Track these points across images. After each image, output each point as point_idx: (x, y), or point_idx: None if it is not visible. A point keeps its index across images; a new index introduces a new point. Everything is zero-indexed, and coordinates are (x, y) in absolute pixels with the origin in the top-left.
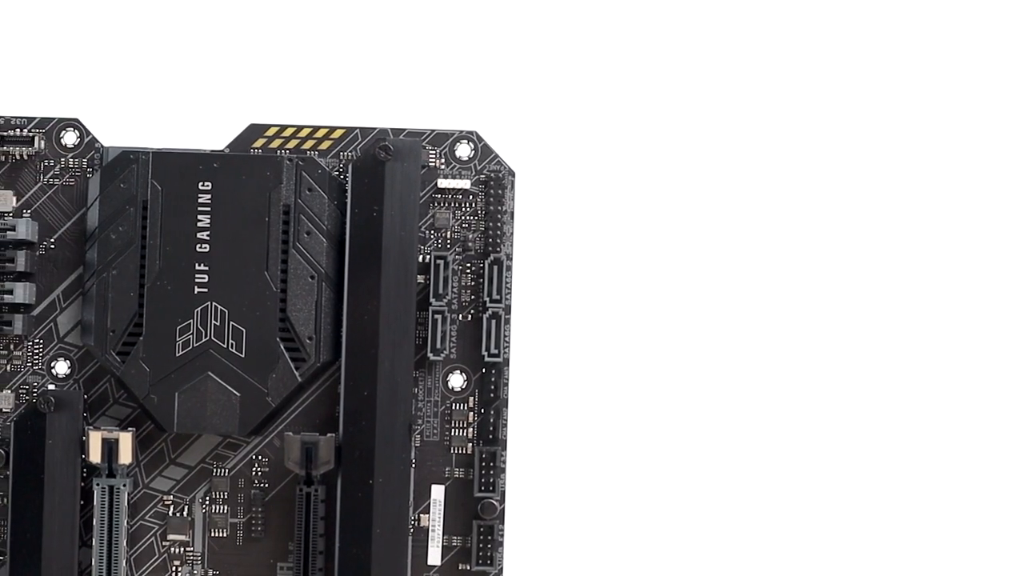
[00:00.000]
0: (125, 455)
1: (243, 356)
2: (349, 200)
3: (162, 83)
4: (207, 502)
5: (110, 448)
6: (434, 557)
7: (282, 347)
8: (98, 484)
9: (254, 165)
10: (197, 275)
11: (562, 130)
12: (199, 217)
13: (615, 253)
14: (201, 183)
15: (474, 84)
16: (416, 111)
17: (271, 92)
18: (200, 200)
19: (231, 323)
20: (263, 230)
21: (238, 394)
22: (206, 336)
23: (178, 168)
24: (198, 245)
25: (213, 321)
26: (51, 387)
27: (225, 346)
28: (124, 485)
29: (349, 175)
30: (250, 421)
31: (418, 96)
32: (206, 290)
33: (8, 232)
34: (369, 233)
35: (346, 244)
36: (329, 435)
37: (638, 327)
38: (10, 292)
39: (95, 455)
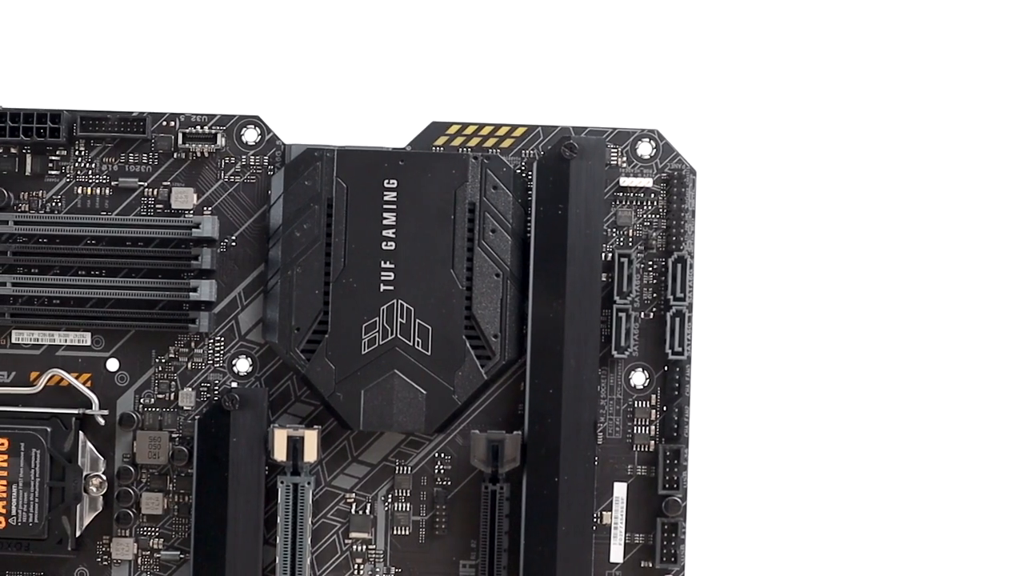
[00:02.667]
0: (310, 453)
1: (429, 354)
2: (534, 198)
3: (342, 81)
4: (389, 500)
5: (295, 446)
6: (616, 555)
7: (468, 345)
8: (282, 482)
9: (439, 163)
10: (383, 273)
11: (742, 128)
12: (384, 215)
13: (796, 251)
14: (386, 180)
15: (655, 82)
16: (597, 109)
17: (451, 90)
18: (385, 198)
19: (417, 321)
20: (448, 228)
21: (424, 392)
22: (392, 334)
23: (363, 166)
24: (383, 243)
25: (399, 319)
26: (233, 385)
27: (411, 344)
28: (308, 483)
29: (534, 173)
30: (436, 419)
31: (599, 94)
32: (392, 288)
33: (192, 230)
34: (554, 231)
35: (530, 242)
36: (515, 433)
37: (819, 325)
38: (194, 290)
39: (280, 453)
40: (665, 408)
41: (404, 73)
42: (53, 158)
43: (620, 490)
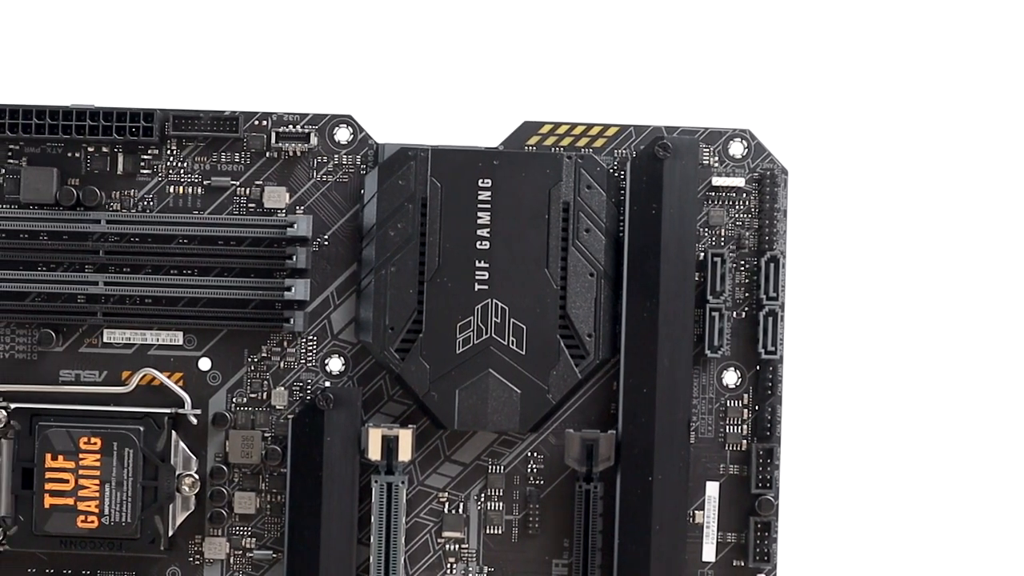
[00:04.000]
0: (405, 452)
1: (523, 353)
2: (627, 197)
3: (432, 80)
4: (482, 499)
5: (389, 445)
6: (708, 554)
7: (562, 344)
8: (376, 481)
9: (534, 162)
10: (477, 272)
11: (833, 128)
12: (479, 214)
13: (888, 251)
14: (481, 180)
15: (746, 82)
16: (689, 109)
17: (542, 89)
18: (480, 197)
19: (511, 320)
20: (543, 228)
21: (519, 391)
22: (486, 333)
23: (457, 165)
24: (478, 242)
25: (493, 318)
26: (327, 384)
27: (506, 343)
28: (402, 482)
29: (627, 172)
30: (530, 418)
31: (691, 94)
32: (486, 287)
33: (287, 229)
34: (648, 231)
35: (624, 241)
36: (609, 432)
37: (910, 325)
38: (289, 289)
39: (374, 452)
40: (757, 407)
41: (495, 72)
42: (145, 157)
43: (712, 489)
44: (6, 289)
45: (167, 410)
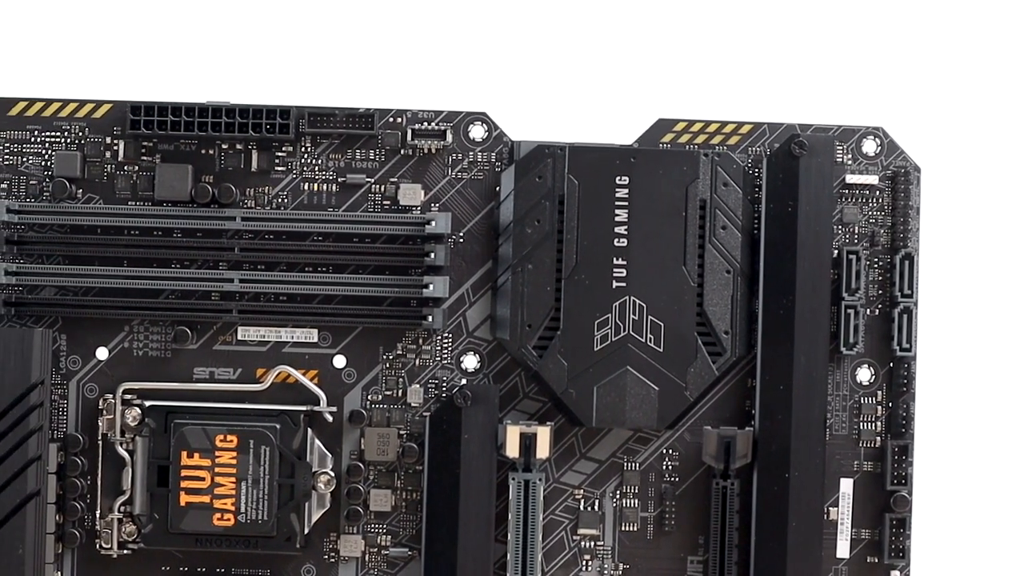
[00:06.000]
0: (543, 450)
1: (661, 350)
2: (763, 195)
3: (565, 78)
4: (618, 496)
5: (527, 443)
6: (842, 550)
7: (699, 341)
8: (514, 479)
9: (671, 160)
10: (615, 269)
11: (965, 126)
12: (616, 211)
13: (1020, 247)
14: (618, 177)
15: (878, 80)
16: (822, 107)
17: (675, 86)
18: (617, 194)
19: (649, 317)
20: (680, 225)
21: (656, 388)
22: (624, 331)
23: (595, 162)
24: (616, 239)
25: (631, 315)
26: (462, 382)
27: (643, 340)
28: (540, 479)
29: (763, 169)
30: (668, 415)
31: (824, 92)
32: (624, 284)
33: (425, 226)
34: (784, 228)
35: (759, 239)
36: (746, 429)
37: None
38: (427, 286)
39: (512, 450)
40: (891, 404)
41: (628, 70)
42: (279, 154)
43: (846, 486)
44: (140, 286)
45: (302, 408)
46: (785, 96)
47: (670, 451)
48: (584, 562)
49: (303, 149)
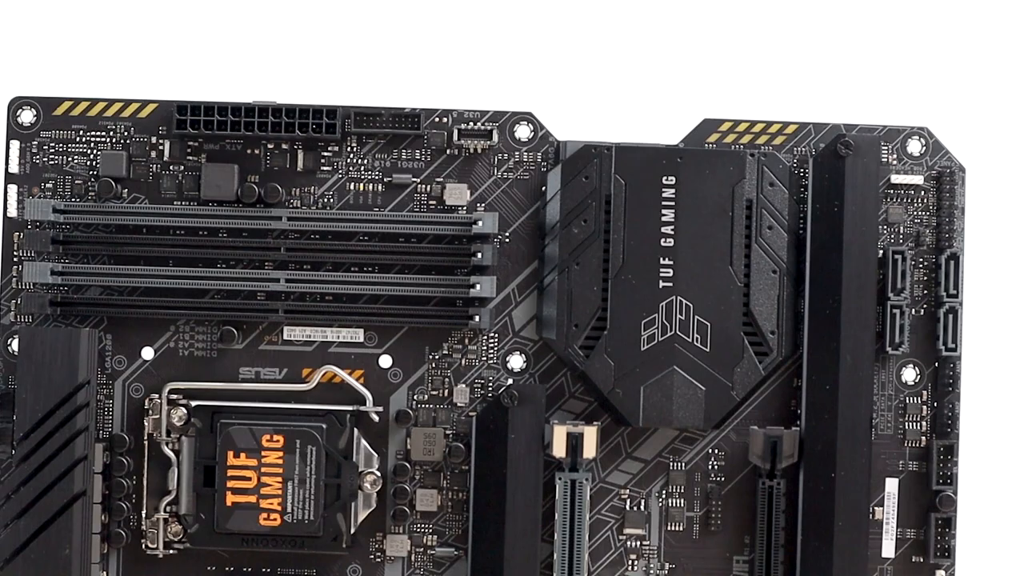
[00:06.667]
0: (589, 449)
1: (707, 350)
2: (809, 195)
3: (611, 78)
4: (663, 496)
5: (574, 442)
6: (888, 550)
7: (746, 341)
8: (560, 478)
9: (717, 160)
10: (662, 269)
11: (1010, 127)
12: (663, 211)
13: None
14: (665, 177)
15: (923, 80)
16: (867, 107)
17: (719, 86)
18: (664, 194)
19: (696, 317)
20: (727, 225)
21: (703, 388)
22: (671, 330)
23: (641, 162)
24: (662, 239)
25: (678, 315)
26: (509, 382)
27: (690, 340)
28: (586, 479)
29: (809, 169)
30: (715, 415)
31: (869, 92)
32: (671, 284)
33: (472, 226)
34: (830, 228)
35: (806, 238)
36: (793, 428)
37: None
38: (474, 286)
39: (559, 449)
40: (936, 404)
41: (673, 69)
42: (325, 154)
43: (892, 485)
44: (186, 286)
45: (349, 407)
46: (830, 96)
47: (716, 451)
48: (630, 562)
49: (349, 149)
